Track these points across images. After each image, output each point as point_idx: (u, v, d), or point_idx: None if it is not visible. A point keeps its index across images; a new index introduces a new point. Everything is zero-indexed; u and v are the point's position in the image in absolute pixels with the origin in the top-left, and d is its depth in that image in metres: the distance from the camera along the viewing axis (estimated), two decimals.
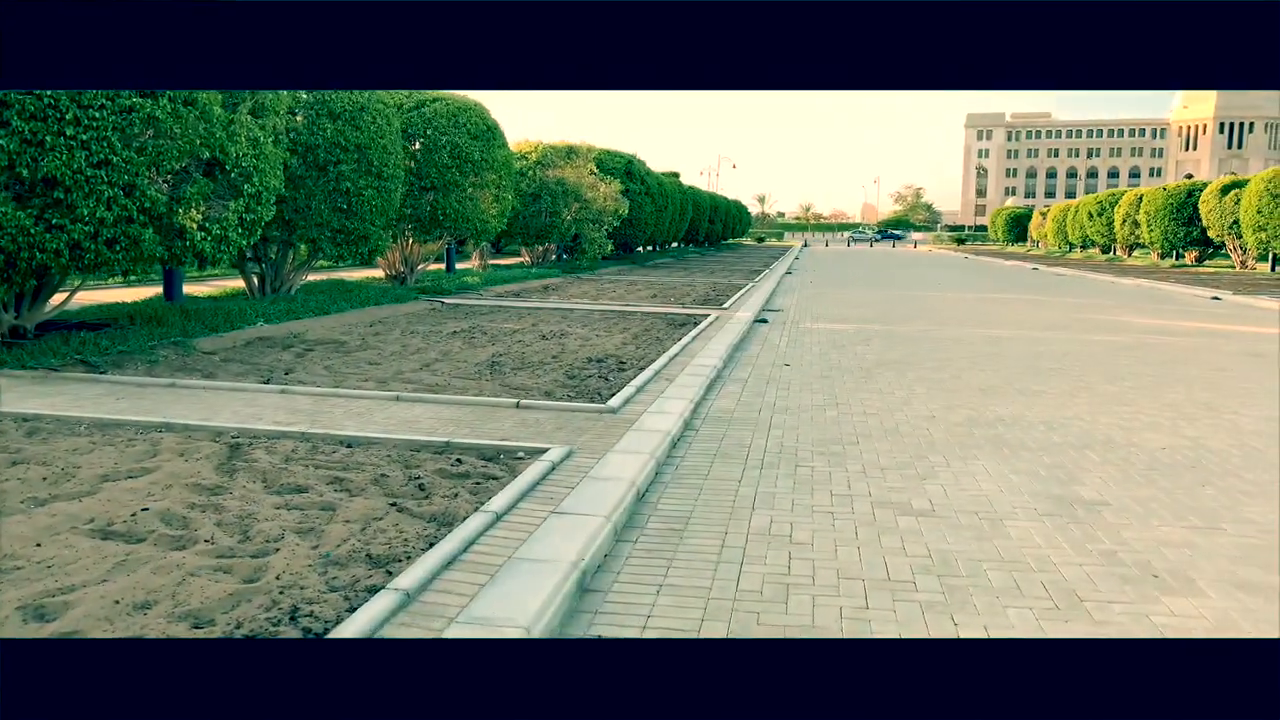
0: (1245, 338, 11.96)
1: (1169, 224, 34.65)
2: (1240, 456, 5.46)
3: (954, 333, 12.08)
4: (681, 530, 4.08)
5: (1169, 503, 4.53)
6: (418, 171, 14.69)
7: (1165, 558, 3.77)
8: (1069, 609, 3.28)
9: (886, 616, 3.22)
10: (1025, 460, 5.34)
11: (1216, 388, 7.87)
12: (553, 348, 9.11)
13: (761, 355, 9.78)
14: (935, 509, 4.42)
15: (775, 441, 5.77)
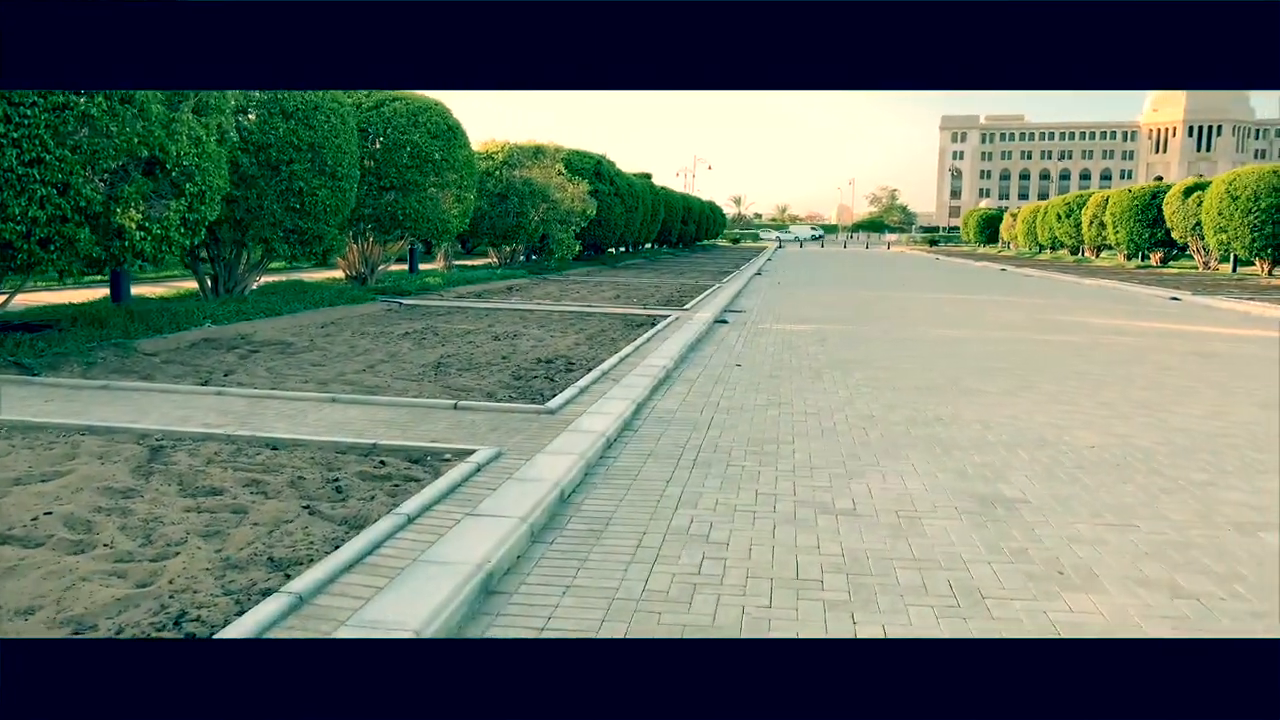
0: (1196, 337, 12.13)
1: (1134, 225, 35.10)
2: (1165, 454, 5.52)
3: (910, 333, 12.16)
4: (600, 531, 4.06)
5: (1088, 500, 4.57)
6: (377, 171, 14.58)
7: (1074, 555, 3.80)
8: (970, 607, 3.30)
9: (788, 615, 3.22)
10: (955, 459, 5.38)
11: (1158, 387, 7.96)
12: (503, 349, 9.07)
13: (715, 356, 9.78)
14: (857, 508, 4.43)
15: (711, 441, 5.77)
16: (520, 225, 21.75)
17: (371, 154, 14.62)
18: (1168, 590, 3.44)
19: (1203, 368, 9.16)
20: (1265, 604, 3.32)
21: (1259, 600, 3.35)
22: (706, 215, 55.41)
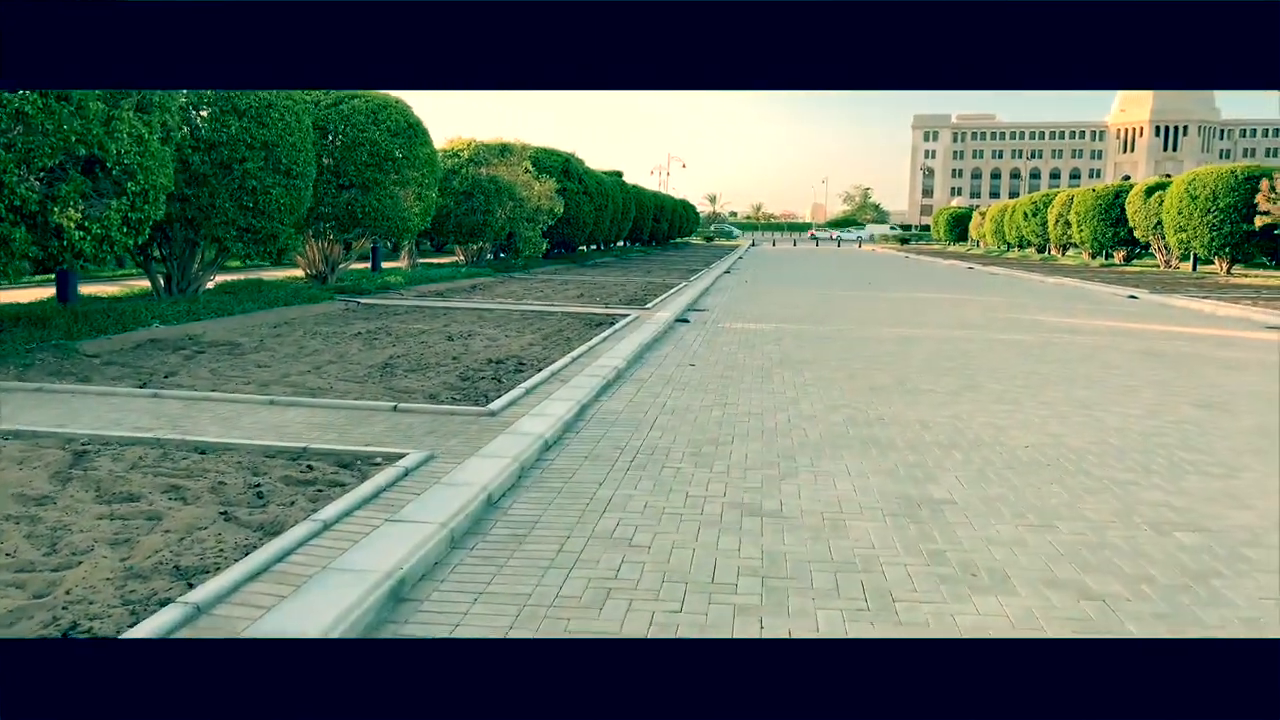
0: (1148, 335, 12.31)
1: (1098, 224, 35.57)
2: (1096, 454, 5.59)
3: (867, 332, 12.24)
4: (524, 536, 4.05)
5: (1014, 501, 4.62)
6: (336, 169, 14.45)
7: (991, 556, 3.84)
8: (879, 609, 3.32)
9: (696, 620, 3.22)
10: (890, 459, 5.41)
11: (1101, 386, 8.06)
12: (455, 349, 9.02)
13: (670, 356, 9.79)
14: (784, 510, 4.45)
15: (651, 443, 5.76)
16: (486, 223, 21.63)
17: (330, 152, 14.49)
18: (1076, 592, 3.48)
19: (1148, 367, 9.29)
20: (1169, 605, 3.37)
21: (1164, 602, 3.40)
22: (679, 214, 55.44)
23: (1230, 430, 6.28)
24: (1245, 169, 27.61)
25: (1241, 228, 26.64)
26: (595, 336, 10.24)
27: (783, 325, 13.12)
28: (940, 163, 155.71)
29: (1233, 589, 3.51)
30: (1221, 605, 3.36)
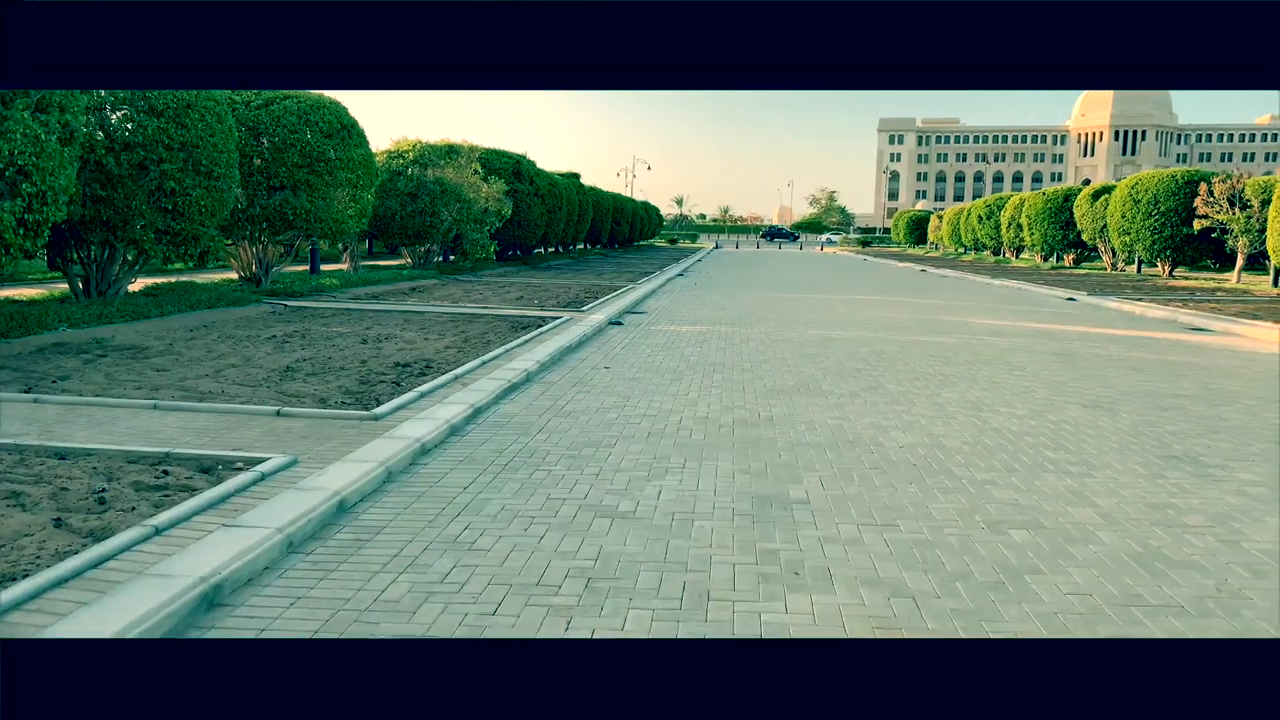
0: (1067, 337, 12.54)
1: (1048, 227, 36.18)
2: (966, 454, 5.70)
3: (793, 334, 12.35)
4: (366, 541, 4.05)
5: (866, 501, 4.70)
6: (266, 170, 14.33)
7: (821, 556, 3.90)
8: (691, 609, 3.36)
9: (508, 622, 3.25)
10: (762, 460, 5.48)
11: (998, 387, 8.21)
12: (367, 352, 8.98)
13: (589, 359, 9.81)
14: (638, 511, 4.49)
15: (534, 446, 5.78)
16: (432, 225, 21.54)
17: (261, 153, 14.37)
18: (889, 590, 3.55)
19: (1053, 368, 9.48)
20: (974, 603, 3.45)
21: (971, 599, 3.48)
22: (640, 216, 55.50)
23: (1105, 430, 6.43)
24: (1185, 173, 28.24)
25: (1181, 231, 27.24)
26: (516, 340, 10.24)
27: (713, 327, 13.20)
28: (905, 166, 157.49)
29: (1043, 585, 3.60)
30: (1026, 601, 3.45)
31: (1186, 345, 11.95)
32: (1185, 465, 5.45)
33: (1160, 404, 7.44)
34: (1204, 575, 3.70)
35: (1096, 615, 3.33)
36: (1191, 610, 3.37)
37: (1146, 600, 3.46)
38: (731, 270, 34.06)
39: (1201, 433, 6.35)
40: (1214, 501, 4.71)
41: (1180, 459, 5.60)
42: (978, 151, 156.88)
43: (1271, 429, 6.52)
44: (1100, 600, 3.46)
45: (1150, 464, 5.47)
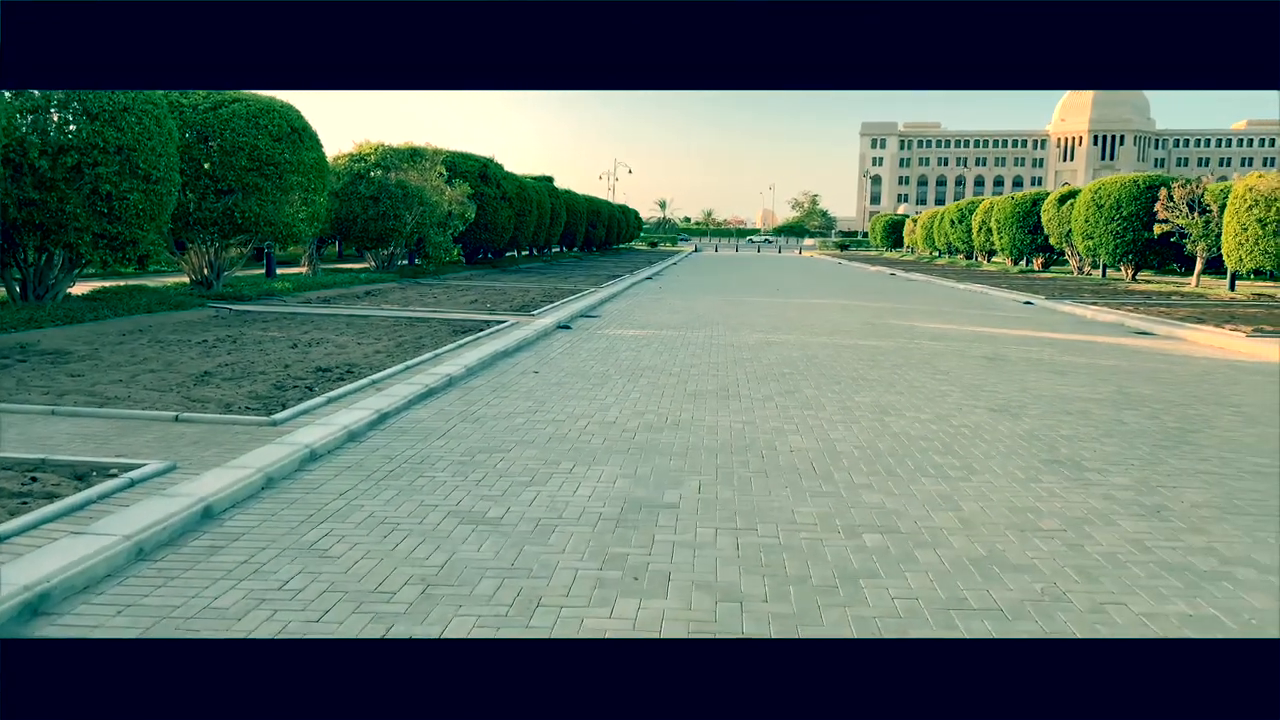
0: (1006, 341, 12.65)
1: (1017, 231, 36.48)
2: (853, 458, 5.75)
3: (736, 338, 12.41)
4: (222, 547, 4.05)
5: (736, 505, 4.74)
6: (214, 174, 14.28)
7: (668, 561, 3.94)
8: (517, 615, 3.39)
9: (327, 629, 3.27)
10: (650, 465, 5.51)
11: (915, 391, 8.28)
12: (293, 357, 8.96)
13: (522, 363, 9.83)
14: (505, 517, 4.51)
15: (429, 452, 5.80)
16: (393, 229, 21.51)
17: (209, 156, 14.31)
18: (721, 594, 3.60)
19: (979, 371, 9.56)
20: (799, 607, 3.49)
21: (797, 604, 3.52)
22: (618, 219, 55.56)
23: (1001, 434, 6.51)
24: (1146, 178, 28.54)
25: (1143, 235, 27.52)
26: (451, 344, 10.25)
27: (660, 332, 13.24)
28: (887, 170, 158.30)
29: (875, 589, 3.65)
30: (852, 605, 3.50)
31: (1122, 349, 12.09)
32: (1065, 469, 5.52)
33: (1068, 408, 7.53)
34: (1035, 579, 3.76)
35: (914, 618, 3.38)
36: (1008, 614, 3.43)
37: (969, 604, 3.51)
38: (703, 274, 34.14)
39: (1095, 437, 6.44)
40: (1076, 505, 4.78)
41: (1063, 463, 5.67)
42: (959, 156, 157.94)
43: (1164, 432, 6.61)
44: (924, 604, 3.51)
45: (1031, 468, 5.54)
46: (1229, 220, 22.28)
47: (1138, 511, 4.67)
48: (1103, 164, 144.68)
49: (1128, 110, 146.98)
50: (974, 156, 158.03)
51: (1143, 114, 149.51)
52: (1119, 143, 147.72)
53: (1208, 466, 5.62)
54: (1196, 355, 11.63)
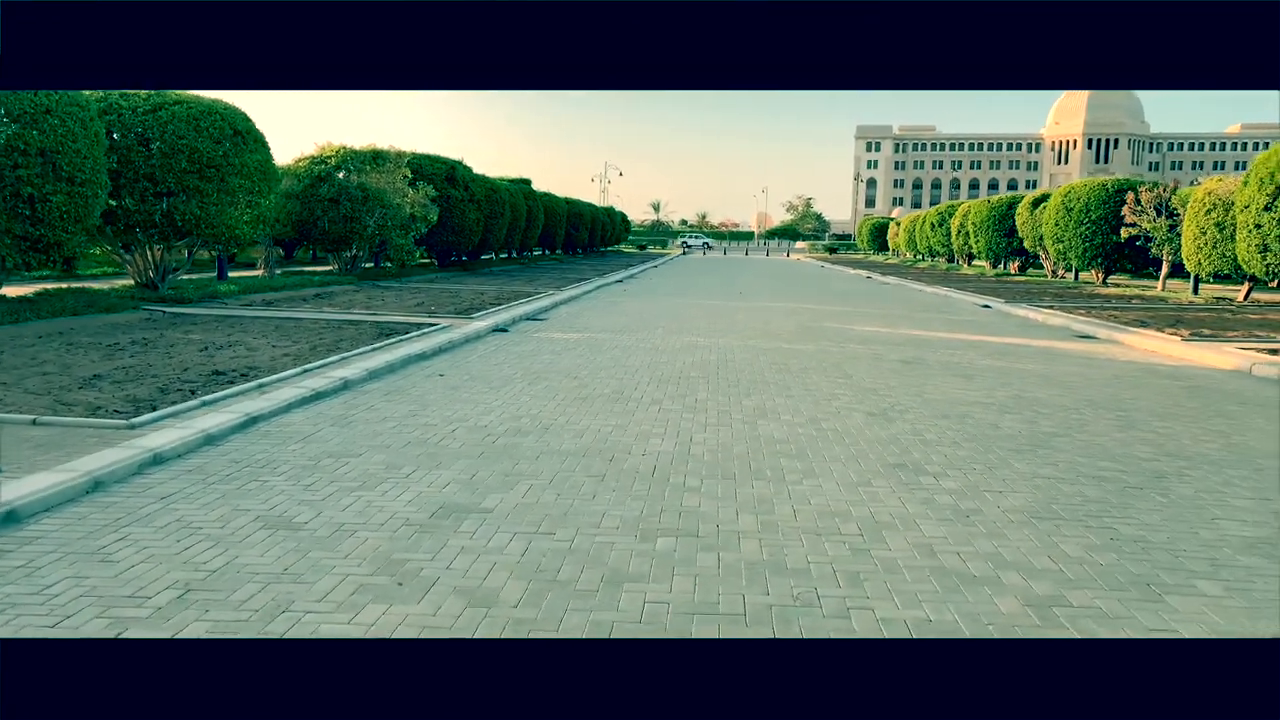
0: (937, 344, 12.64)
1: (993, 235, 36.49)
2: (701, 463, 5.75)
3: (666, 341, 12.40)
4: (10, 551, 4.05)
5: (551, 509, 4.73)
6: (153, 176, 14.28)
7: (444, 567, 3.93)
8: (256, 620, 3.39)
9: (62, 633, 3.26)
10: (493, 469, 5.51)
11: (807, 394, 8.28)
12: (196, 359, 8.97)
13: (436, 366, 9.83)
14: (310, 523, 4.51)
15: (278, 456, 5.79)
16: (354, 231, 21.52)
17: (148, 158, 14.32)
18: (479, 599, 3.59)
19: (883, 374, 9.56)
20: (548, 611, 3.49)
21: (549, 609, 3.52)
22: (602, 221, 55.56)
23: (866, 437, 6.50)
24: (1115, 182, 28.55)
25: (1111, 239, 27.53)
26: (368, 347, 10.25)
27: (596, 335, 13.24)
28: (882, 173, 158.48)
29: (633, 594, 3.65)
30: (602, 610, 3.50)
31: (1050, 352, 12.09)
32: (903, 473, 5.52)
33: (950, 412, 7.53)
34: (798, 583, 3.76)
35: (653, 623, 3.38)
36: (748, 619, 3.42)
37: (718, 609, 3.51)
38: (677, 277, 34.14)
39: (957, 441, 6.44)
40: (889, 509, 4.78)
41: (905, 467, 5.67)
42: (954, 159, 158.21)
43: (1031, 437, 6.61)
44: (671, 608, 3.51)
45: (870, 472, 5.54)
46: (1189, 224, 22.29)
47: (947, 516, 4.67)
48: (1097, 167, 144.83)
49: (1121, 114, 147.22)
50: (969, 160, 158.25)
51: (1136, 117, 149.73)
52: (1113, 146, 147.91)
53: (1050, 471, 5.62)
54: (1122, 359, 11.64)
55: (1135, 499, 5.04)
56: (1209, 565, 4.00)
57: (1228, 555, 4.14)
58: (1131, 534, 4.42)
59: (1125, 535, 4.40)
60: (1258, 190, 18.16)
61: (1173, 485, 5.35)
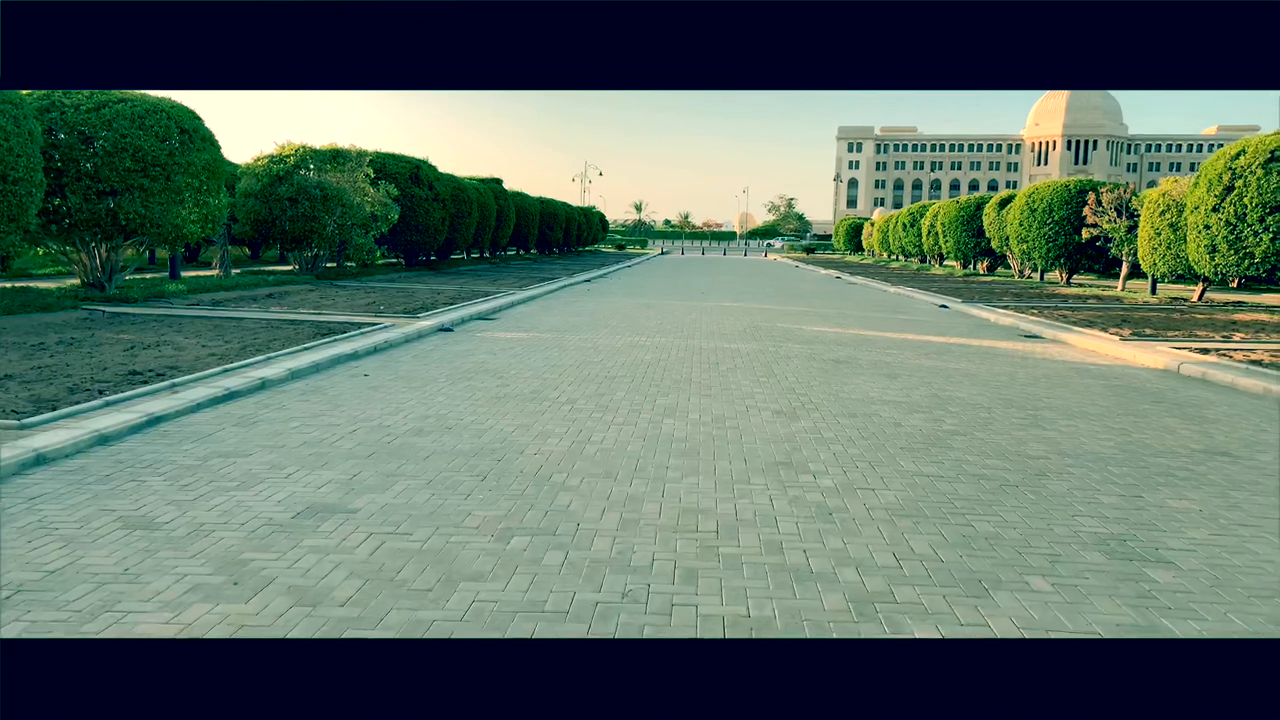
0: (875, 344, 12.71)
1: (961, 235, 36.72)
2: (590, 461, 5.76)
3: (609, 341, 12.42)
4: None
5: (418, 509, 4.73)
6: (96, 174, 14.17)
7: (271, 568, 3.92)
8: (83, 621, 3.38)
9: None
10: (378, 469, 5.50)
11: (725, 394, 8.31)
12: (118, 359, 8.91)
13: (366, 365, 9.79)
14: (170, 523, 4.49)
15: (168, 456, 5.76)
16: (313, 230, 21.42)
17: (91, 157, 14.21)
18: (298, 596, 3.59)
19: (808, 374, 9.60)
20: (356, 610, 3.50)
21: (354, 606, 3.53)
22: (578, 221, 55.51)
23: (765, 435, 6.53)
24: (1077, 183, 28.78)
25: (1074, 239, 27.77)
26: (298, 346, 10.21)
27: (541, 335, 13.24)
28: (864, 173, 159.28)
29: (466, 591, 3.66)
30: (428, 609, 3.50)
31: (988, 351, 12.18)
32: (784, 471, 5.55)
33: (858, 411, 7.57)
34: (636, 579, 3.78)
35: (475, 621, 3.39)
36: (565, 617, 3.44)
37: (544, 609, 3.52)
38: (648, 277, 34.16)
39: (853, 439, 6.48)
40: (755, 507, 4.80)
41: (789, 465, 5.71)
42: (935, 160, 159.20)
43: (930, 435, 6.66)
44: (494, 608, 3.52)
45: (753, 471, 5.57)
46: (1144, 225, 22.51)
47: (809, 514, 4.70)
48: (1076, 168, 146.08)
49: (1100, 115, 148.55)
50: (950, 160, 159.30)
51: (1115, 119, 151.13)
52: (1092, 147, 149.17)
53: (933, 469, 5.67)
54: (1058, 358, 11.74)
55: (1006, 497, 5.09)
56: (1048, 562, 4.05)
57: (1072, 552, 4.19)
58: (986, 531, 4.47)
59: (979, 532, 4.44)
60: (1206, 192, 18.36)
61: (1050, 483, 5.41)
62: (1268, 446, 6.55)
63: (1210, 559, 4.15)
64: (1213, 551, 4.25)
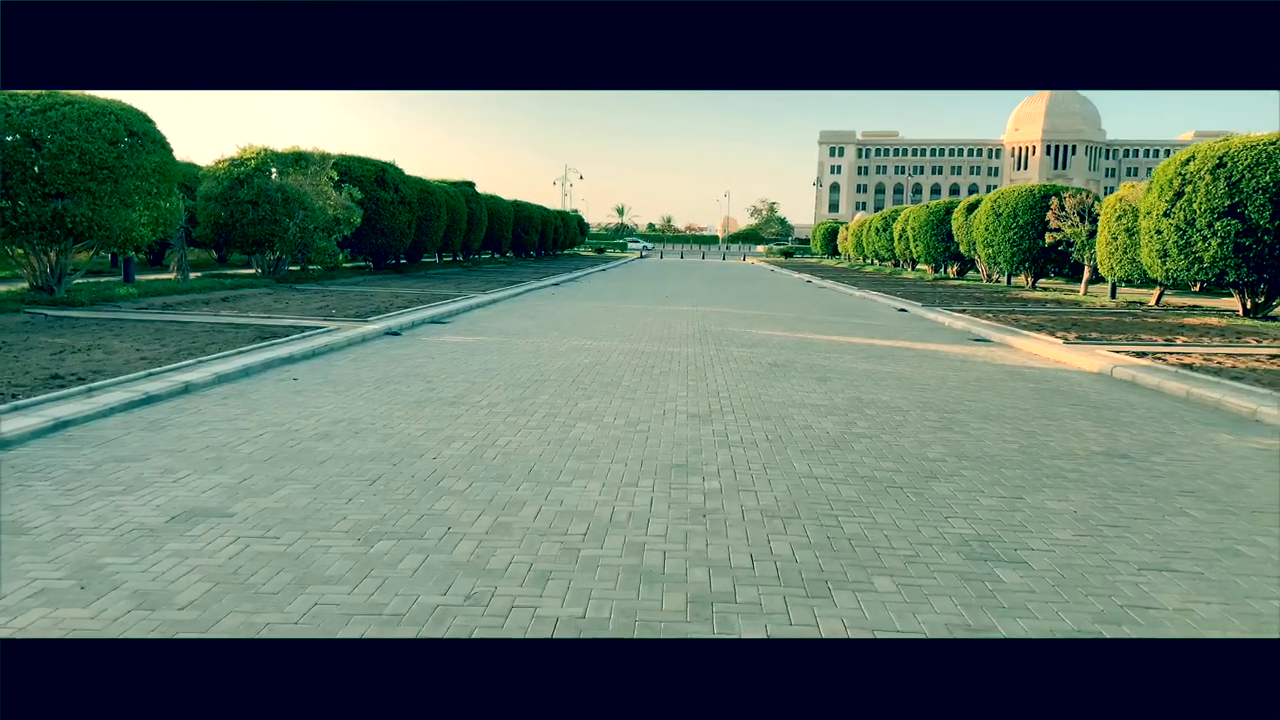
0: (816, 348, 12.79)
1: (931, 240, 36.98)
2: (487, 465, 5.78)
3: (554, 344, 12.44)
4: None
5: (286, 515, 4.74)
6: (41, 177, 14.08)
7: (127, 572, 3.93)
8: None
9: None
10: (268, 473, 5.50)
11: (650, 397, 8.35)
12: (43, 364, 8.86)
13: (297, 370, 9.77)
14: (41, 528, 4.48)
15: (65, 460, 5.74)
16: (274, 233, 21.34)
17: (38, 160, 14.11)
18: (141, 600, 3.60)
19: (738, 379, 9.66)
20: (195, 614, 3.51)
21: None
22: (555, 224, 55.50)
23: (672, 439, 6.57)
24: (1042, 188, 29.06)
25: (1038, 244, 28.02)
26: (231, 350, 10.18)
27: (490, 339, 13.24)
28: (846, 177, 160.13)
29: (312, 594, 3.67)
30: (267, 612, 3.52)
31: (928, 355, 12.28)
32: (675, 474, 5.60)
33: (773, 414, 7.63)
34: (485, 582, 3.80)
35: (321, 622, 3.41)
36: (402, 619, 3.46)
37: (383, 611, 3.54)
38: (619, 281, 34.20)
39: (755, 442, 6.53)
40: (632, 509, 4.84)
41: (683, 467, 5.75)
42: (916, 164, 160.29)
43: (836, 439, 6.72)
44: (337, 610, 3.54)
45: (645, 472, 5.61)
46: (1102, 230, 22.76)
47: (684, 515, 4.74)
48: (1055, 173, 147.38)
49: (1079, 120, 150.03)
50: (931, 165, 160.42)
51: (1094, 124, 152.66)
52: (1070, 152, 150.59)
53: (824, 471, 5.73)
54: (998, 361, 11.85)
55: (888, 499, 5.15)
56: (902, 562, 4.11)
57: (930, 553, 4.25)
58: (853, 532, 4.52)
59: (845, 534, 4.50)
60: (1158, 197, 18.58)
61: (936, 485, 5.47)
62: (1165, 449, 6.66)
63: (1064, 560, 4.22)
64: (1070, 553, 4.32)
